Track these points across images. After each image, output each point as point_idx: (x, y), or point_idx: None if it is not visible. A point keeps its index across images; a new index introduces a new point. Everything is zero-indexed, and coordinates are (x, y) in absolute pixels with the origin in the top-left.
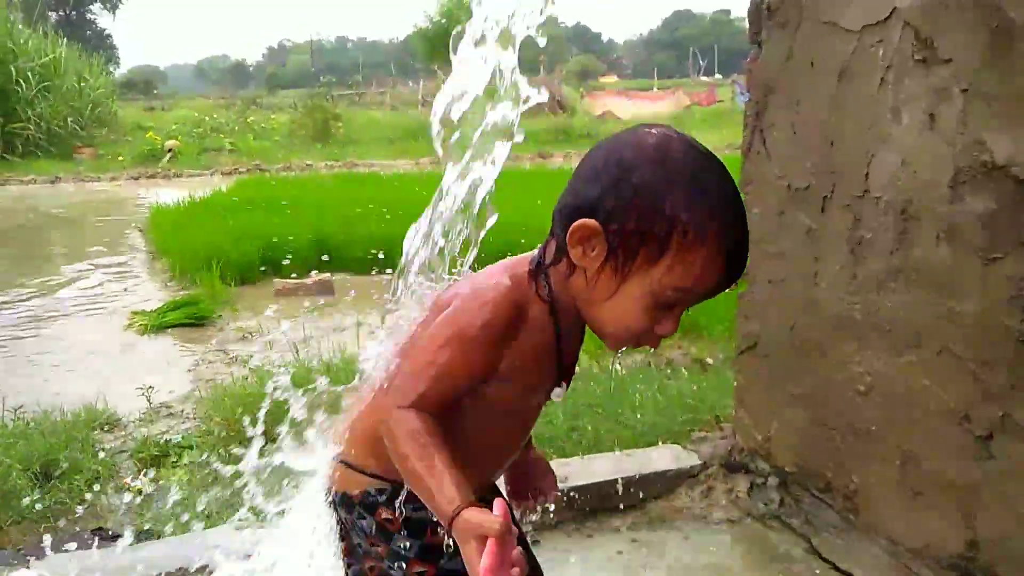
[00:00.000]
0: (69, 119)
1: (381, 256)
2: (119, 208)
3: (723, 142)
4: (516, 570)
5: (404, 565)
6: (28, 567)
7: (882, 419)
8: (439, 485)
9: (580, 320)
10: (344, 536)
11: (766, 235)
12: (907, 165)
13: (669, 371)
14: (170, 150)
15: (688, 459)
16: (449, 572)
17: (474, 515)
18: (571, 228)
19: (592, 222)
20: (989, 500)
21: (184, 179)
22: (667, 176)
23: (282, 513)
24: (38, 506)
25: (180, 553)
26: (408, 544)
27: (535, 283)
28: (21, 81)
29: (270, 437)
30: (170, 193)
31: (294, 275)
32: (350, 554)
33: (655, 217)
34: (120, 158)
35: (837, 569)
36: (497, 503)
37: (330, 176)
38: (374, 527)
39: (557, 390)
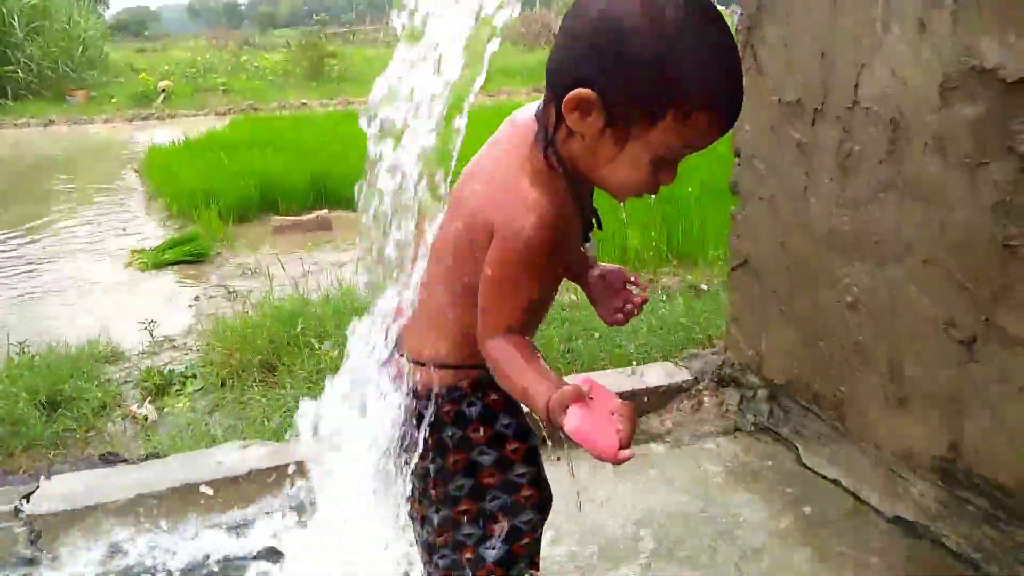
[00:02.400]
0: (60, 61)
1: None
2: (114, 149)
3: None
4: (617, 411)
5: (503, 445)
6: (39, 488)
7: (869, 330)
8: (534, 388)
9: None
10: (433, 431)
11: (758, 152)
12: (897, 75)
13: (665, 297)
14: (163, 91)
15: (680, 375)
16: (535, 448)
17: (556, 395)
18: (566, 98)
19: (588, 92)
20: (971, 404)
21: (178, 120)
22: (663, 39)
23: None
24: (46, 433)
25: (187, 470)
26: (508, 422)
27: (548, 162)
28: (11, 23)
29: (270, 367)
30: (165, 134)
31: (292, 213)
32: (436, 448)
33: (652, 83)
34: (113, 100)
35: (824, 477)
36: (573, 378)
37: (325, 114)
38: (481, 410)
39: (588, 245)
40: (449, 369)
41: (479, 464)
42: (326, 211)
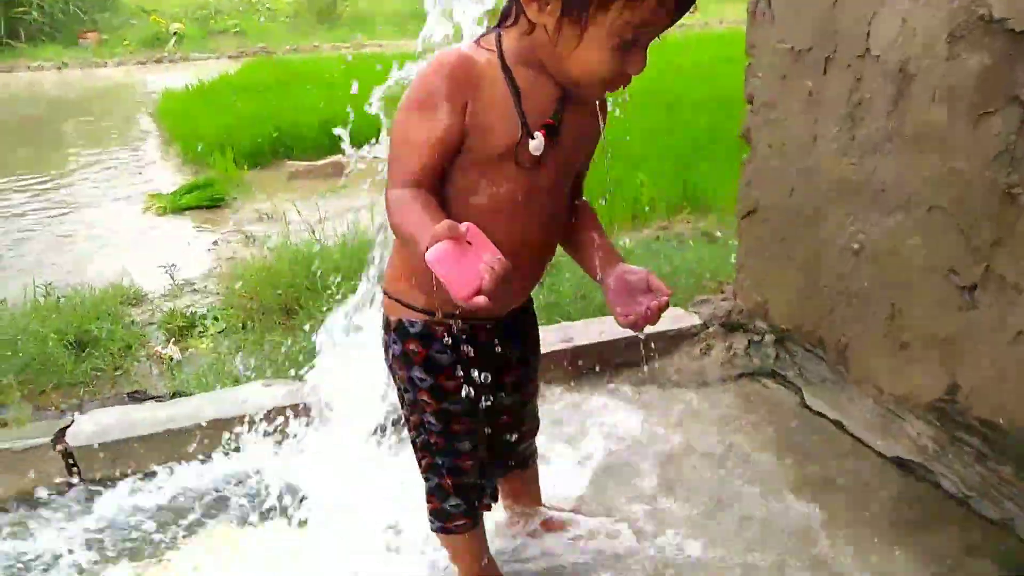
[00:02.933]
0: (71, 3)
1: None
2: (128, 93)
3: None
4: (492, 260)
5: (415, 394)
6: (74, 422)
7: (873, 277)
8: (420, 235)
9: (551, 78)
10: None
11: (768, 100)
12: (906, 24)
13: (676, 243)
14: (175, 33)
15: (689, 320)
16: (446, 412)
17: (432, 229)
18: None
19: None
20: (969, 348)
21: (191, 63)
22: None
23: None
24: (76, 372)
25: (214, 407)
26: (422, 378)
27: (489, 43)
28: None
29: (289, 310)
30: (178, 77)
31: (306, 158)
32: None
33: None
34: (125, 43)
35: (826, 418)
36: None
37: (338, 57)
38: (400, 353)
39: (532, 143)
40: (392, 300)
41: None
42: (340, 156)
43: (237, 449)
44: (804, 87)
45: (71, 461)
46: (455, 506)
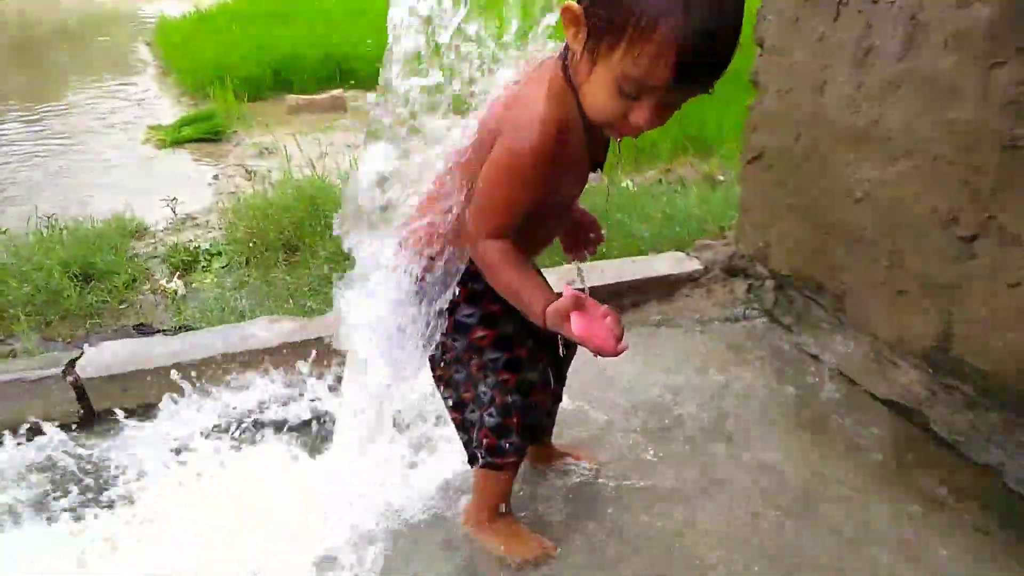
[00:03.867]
0: None
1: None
2: (123, 21)
3: None
4: (608, 315)
5: (467, 336)
6: (84, 354)
7: (874, 224)
8: (529, 294)
9: None
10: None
11: (778, 44)
12: None
13: (679, 187)
14: None
15: (690, 264)
16: (504, 336)
17: (553, 305)
18: (562, 9)
19: (575, 5)
20: (965, 297)
21: None
22: None
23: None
24: (81, 304)
25: (221, 341)
26: (470, 312)
27: (565, 79)
28: None
29: (291, 247)
30: (173, 4)
31: (306, 91)
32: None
33: (618, 4)
34: None
35: (822, 361)
36: (564, 291)
37: None
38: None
39: (593, 176)
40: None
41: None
42: (341, 91)
43: (245, 381)
44: (815, 31)
45: (80, 392)
46: (512, 444)
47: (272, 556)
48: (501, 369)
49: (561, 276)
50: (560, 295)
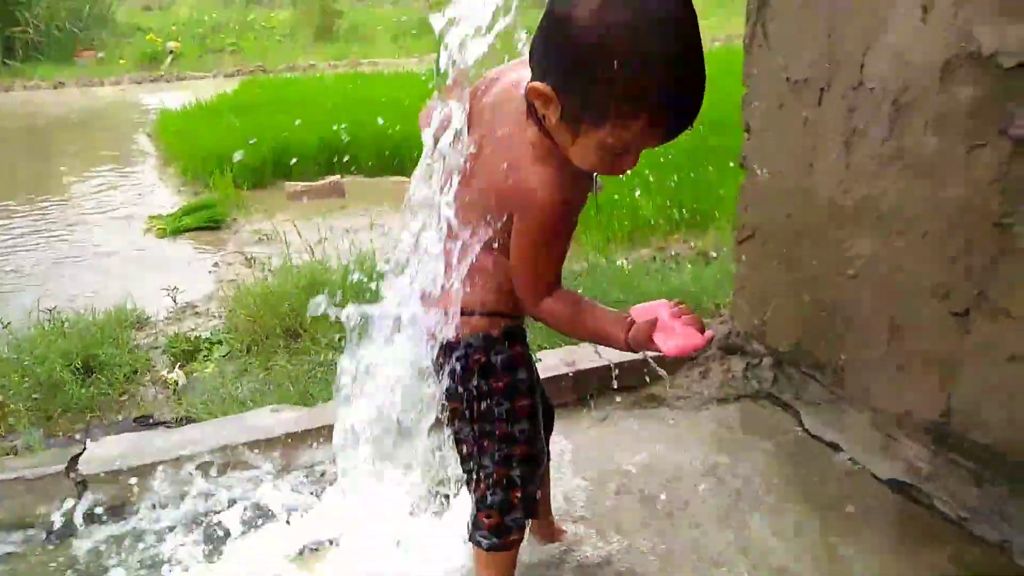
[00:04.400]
0: (67, 21)
1: (390, 157)
2: (125, 113)
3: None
4: (683, 316)
5: (511, 402)
6: (87, 449)
7: (870, 300)
8: (606, 330)
9: None
10: (463, 380)
11: (766, 127)
12: (900, 56)
13: (674, 264)
14: (171, 52)
15: None
16: (534, 408)
17: (633, 331)
18: (528, 88)
19: (546, 88)
20: (963, 371)
21: (187, 81)
22: (609, 43)
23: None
24: (82, 397)
25: (223, 433)
26: (524, 377)
27: (543, 136)
28: None
29: (293, 333)
30: (175, 96)
31: (305, 178)
32: (465, 396)
33: (596, 87)
34: (121, 61)
35: (823, 440)
36: (632, 312)
37: (334, 76)
38: (506, 359)
39: (596, 185)
40: (486, 317)
41: (492, 413)
42: (339, 177)
43: (249, 473)
44: (800, 115)
45: (83, 489)
46: (515, 520)
47: None
48: (521, 441)
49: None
50: (631, 320)
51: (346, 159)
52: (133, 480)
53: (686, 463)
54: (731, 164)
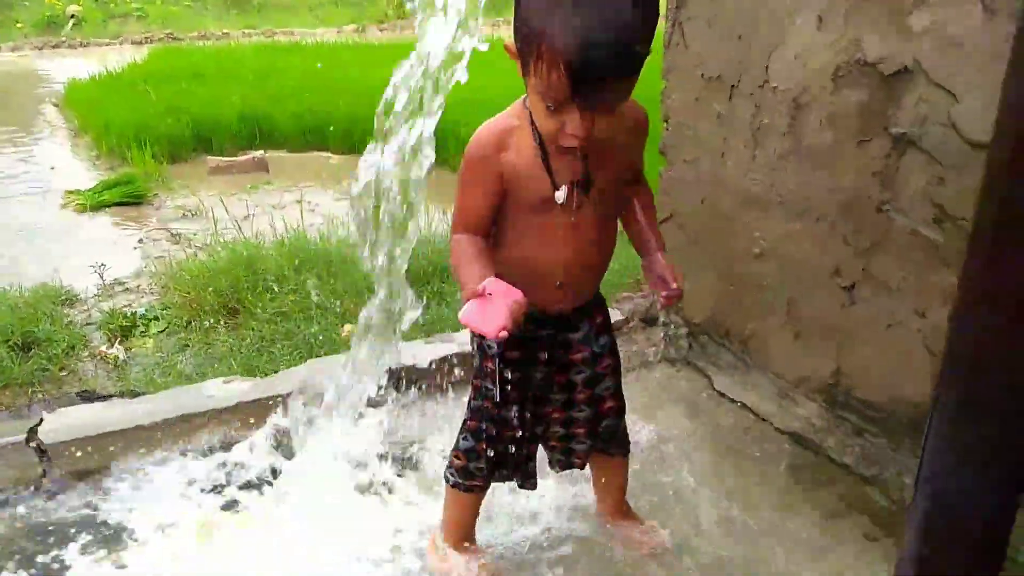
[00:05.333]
0: None
1: (314, 131)
2: (28, 82)
3: None
4: (507, 301)
5: (482, 360)
6: (44, 420)
7: (773, 276)
8: (463, 281)
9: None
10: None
11: (683, 119)
12: (799, 60)
13: None
14: (73, 16)
15: (612, 316)
16: (505, 379)
17: (469, 291)
18: (504, 47)
19: (509, 43)
20: (851, 338)
21: (92, 48)
22: (539, 2)
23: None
24: (22, 372)
25: (178, 403)
26: (491, 344)
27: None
28: None
29: (231, 309)
30: (79, 64)
31: (226, 153)
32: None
33: (525, 36)
34: (19, 24)
35: (732, 400)
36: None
37: (251, 46)
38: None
39: (558, 194)
40: None
41: (476, 366)
42: (262, 152)
43: (206, 442)
44: (714, 110)
45: (45, 459)
46: (479, 470)
47: None
48: (489, 398)
49: None
50: (484, 286)
51: (268, 134)
52: (95, 449)
53: None
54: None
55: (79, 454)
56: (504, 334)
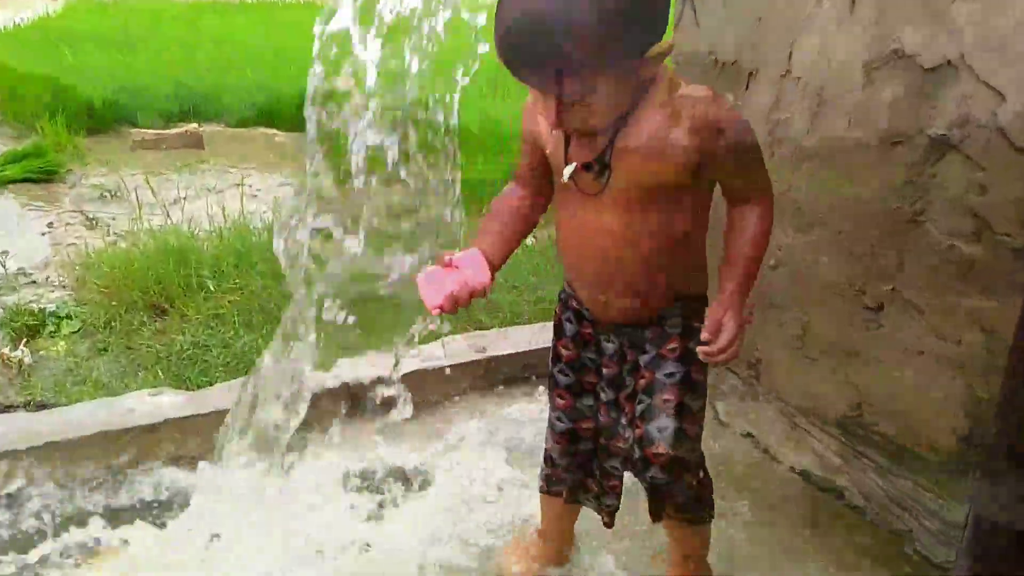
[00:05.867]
0: None
1: (260, 104)
2: None
3: None
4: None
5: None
6: None
7: (786, 293)
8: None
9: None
10: None
11: None
12: (826, 50)
13: None
14: None
15: None
16: (555, 378)
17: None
18: None
19: None
20: (874, 365)
21: None
22: None
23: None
24: None
25: (97, 418)
26: (552, 338)
27: None
28: None
29: (158, 309)
30: None
31: (154, 126)
32: None
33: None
34: None
35: (736, 431)
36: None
37: (185, 5)
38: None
39: (565, 169)
40: None
41: None
42: (196, 125)
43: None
44: (727, 99)
45: None
46: (544, 474)
47: None
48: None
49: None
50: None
51: (204, 106)
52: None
53: None
54: None
55: None
56: (436, 311)
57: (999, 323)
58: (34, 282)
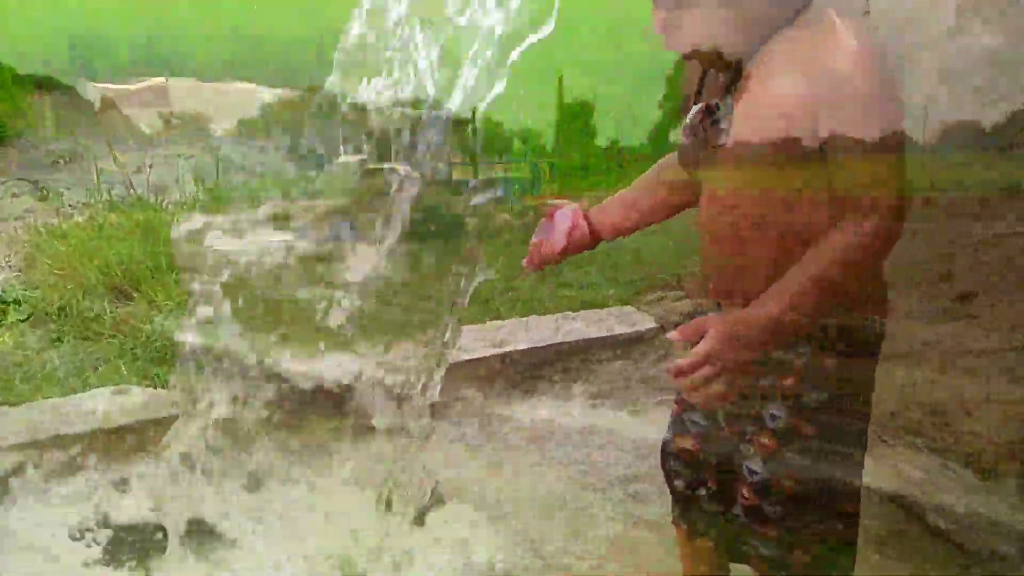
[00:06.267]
0: None
1: (240, 56)
2: None
3: None
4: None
5: None
6: None
7: None
8: None
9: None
10: None
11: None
12: None
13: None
14: None
15: (641, 321)
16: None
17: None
18: None
19: None
20: (963, 364)
21: None
22: None
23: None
24: None
25: (54, 419)
26: None
27: None
28: None
29: (122, 293)
30: None
31: (117, 80)
32: None
33: None
34: None
35: None
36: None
37: None
38: None
39: (693, 110)
40: None
41: None
42: (163, 79)
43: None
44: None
45: None
46: (672, 501)
47: None
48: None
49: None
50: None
51: (173, 56)
52: None
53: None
54: None
55: None
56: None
57: None
58: None
